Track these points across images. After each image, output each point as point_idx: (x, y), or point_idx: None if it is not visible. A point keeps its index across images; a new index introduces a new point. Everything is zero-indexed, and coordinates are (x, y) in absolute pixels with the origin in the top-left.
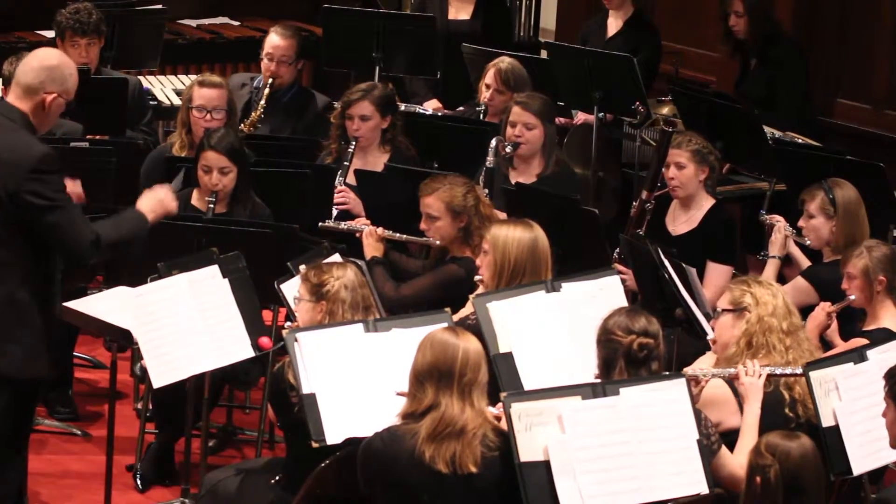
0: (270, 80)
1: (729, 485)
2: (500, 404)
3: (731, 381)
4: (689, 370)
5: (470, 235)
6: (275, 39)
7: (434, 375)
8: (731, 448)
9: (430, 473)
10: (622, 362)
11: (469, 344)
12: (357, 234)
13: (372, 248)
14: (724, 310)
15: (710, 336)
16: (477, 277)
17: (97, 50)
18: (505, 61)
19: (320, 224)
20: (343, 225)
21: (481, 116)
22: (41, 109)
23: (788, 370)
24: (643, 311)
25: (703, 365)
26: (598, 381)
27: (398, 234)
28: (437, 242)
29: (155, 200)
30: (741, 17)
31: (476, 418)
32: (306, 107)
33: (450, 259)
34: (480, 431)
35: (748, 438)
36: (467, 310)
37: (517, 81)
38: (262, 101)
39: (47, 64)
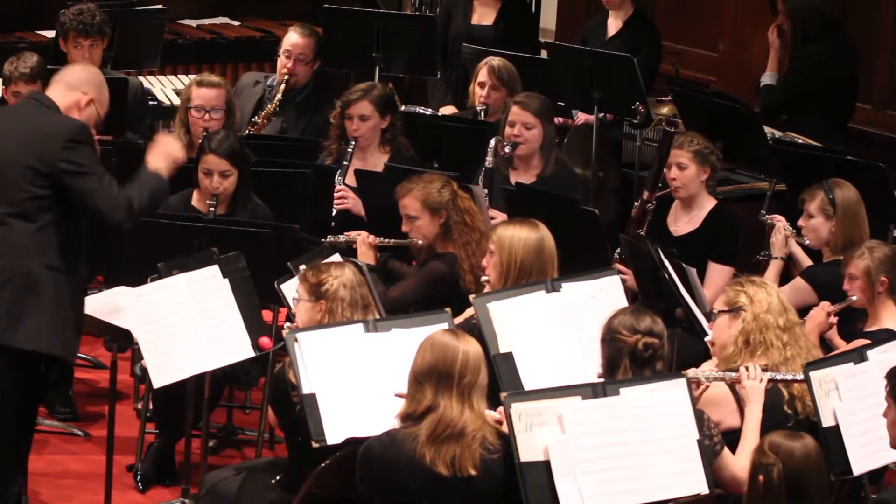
0: (286, 77)
1: (731, 487)
2: (500, 408)
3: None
4: (690, 373)
5: (450, 230)
6: (294, 37)
7: (433, 377)
8: (731, 449)
9: (431, 476)
10: (626, 362)
11: (469, 346)
12: (354, 246)
13: (364, 256)
14: (720, 311)
15: (708, 339)
16: (483, 278)
17: (100, 51)
18: (495, 59)
19: (323, 240)
20: (342, 238)
21: (482, 116)
22: (76, 109)
23: (790, 376)
24: (648, 311)
25: (706, 368)
26: (599, 381)
27: (388, 240)
28: (420, 242)
29: (163, 154)
30: (782, 15)
31: (475, 420)
32: (319, 109)
33: (433, 256)
34: (480, 434)
35: (750, 441)
36: (471, 311)
37: (510, 77)
38: (279, 96)
39: (91, 71)
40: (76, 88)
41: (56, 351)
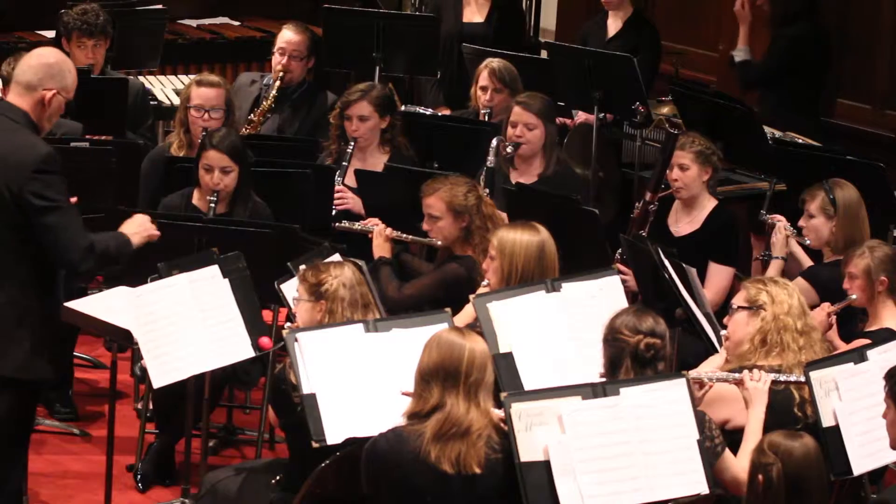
0: (281, 75)
1: (732, 489)
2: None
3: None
4: (693, 373)
5: (471, 235)
6: (288, 34)
7: (440, 375)
8: (738, 447)
9: (436, 474)
10: (628, 362)
11: (475, 344)
12: (369, 235)
13: (380, 249)
14: (739, 307)
15: (724, 333)
16: (484, 283)
17: (103, 51)
18: (495, 61)
19: (336, 225)
20: (357, 225)
21: (486, 118)
22: (41, 107)
23: (793, 378)
24: (651, 312)
25: (710, 367)
26: (599, 381)
27: (406, 235)
28: (440, 243)
29: (137, 225)
30: None
31: (481, 419)
32: (315, 102)
33: (451, 258)
34: (485, 432)
35: (752, 443)
36: (471, 313)
37: (511, 78)
38: (273, 93)
39: (45, 61)
40: (35, 88)
41: (41, 375)
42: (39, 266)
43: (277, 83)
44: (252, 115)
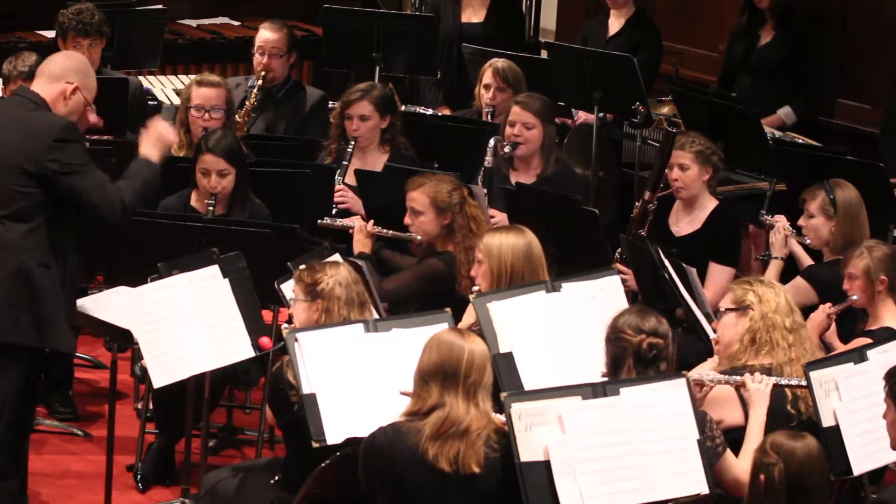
0: (263, 74)
1: (733, 489)
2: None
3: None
4: (695, 375)
5: (454, 233)
6: (264, 34)
7: (439, 376)
8: (734, 446)
9: (433, 472)
10: (630, 361)
11: (474, 345)
12: (350, 231)
13: (360, 244)
14: (727, 309)
15: (713, 336)
16: (475, 288)
17: (99, 51)
18: (500, 60)
19: (319, 221)
20: (338, 221)
21: (489, 118)
22: (62, 99)
23: (794, 381)
24: (654, 311)
25: (704, 370)
26: (599, 380)
27: (386, 231)
28: (419, 238)
29: (153, 138)
30: None
31: (480, 419)
32: (299, 101)
33: (432, 254)
34: (484, 432)
35: (753, 444)
36: (471, 316)
37: (515, 78)
38: (255, 91)
39: (73, 58)
40: (60, 79)
41: (54, 344)
42: (53, 239)
43: (259, 82)
44: (236, 116)
